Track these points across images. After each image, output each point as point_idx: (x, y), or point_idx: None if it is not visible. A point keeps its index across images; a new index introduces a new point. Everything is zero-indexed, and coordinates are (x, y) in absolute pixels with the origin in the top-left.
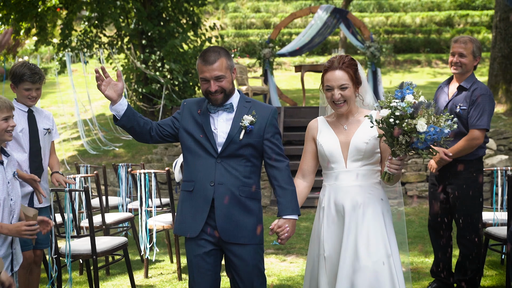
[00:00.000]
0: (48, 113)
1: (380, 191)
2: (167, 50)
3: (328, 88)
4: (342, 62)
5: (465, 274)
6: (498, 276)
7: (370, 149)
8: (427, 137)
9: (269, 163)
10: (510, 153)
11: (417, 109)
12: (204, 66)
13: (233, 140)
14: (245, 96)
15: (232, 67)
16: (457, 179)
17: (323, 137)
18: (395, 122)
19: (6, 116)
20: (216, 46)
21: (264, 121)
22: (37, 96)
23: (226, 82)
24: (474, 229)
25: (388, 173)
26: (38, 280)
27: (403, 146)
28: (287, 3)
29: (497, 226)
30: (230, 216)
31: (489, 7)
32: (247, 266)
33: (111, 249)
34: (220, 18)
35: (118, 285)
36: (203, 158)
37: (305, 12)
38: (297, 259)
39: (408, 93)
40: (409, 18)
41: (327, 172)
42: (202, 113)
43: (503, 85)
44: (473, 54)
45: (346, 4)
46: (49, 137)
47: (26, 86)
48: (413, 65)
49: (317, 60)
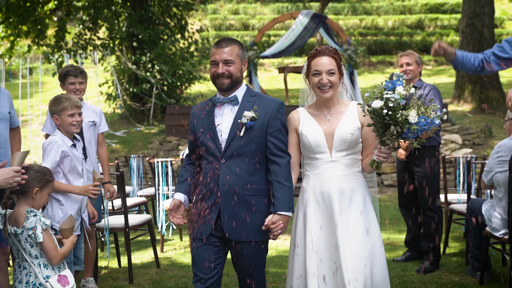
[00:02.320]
0: (96, 108)
1: (363, 180)
2: (158, 52)
3: (315, 73)
4: (329, 50)
5: (430, 242)
6: (460, 247)
7: (355, 139)
8: (418, 127)
9: (270, 158)
10: (474, 147)
11: (409, 100)
12: (216, 49)
13: (235, 136)
14: (251, 90)
15: (243, 57)
16: (420, 164)
17: (307, 127)
18: (388, 113)
19: (71, 113)
20: (231, 37)
21: (268, 115)
22: (81, 90)
23: (234, 68)
24: (434, 205)
25: (376, 161)
26: (95, 248)
27: (394, 136)
28: (265, 5)
29: (459, 204)
30: (235, 216)
31: (458, 10)
32: (250, 261)
33: (139, 224)
34: (201, 19)
35: (141, 257)
36: (209, 162)
37: (286, 17)
38: (289, 236)
39: (398, 84)
40: (382, 21)
41: (311, 162)
42: (207, 113)
43: (469, 85)
44: (416, 62)
45: (322, 7)
46: (94, 129)
47: (70, 80)
48: (386, 66)
49: (295, 61)
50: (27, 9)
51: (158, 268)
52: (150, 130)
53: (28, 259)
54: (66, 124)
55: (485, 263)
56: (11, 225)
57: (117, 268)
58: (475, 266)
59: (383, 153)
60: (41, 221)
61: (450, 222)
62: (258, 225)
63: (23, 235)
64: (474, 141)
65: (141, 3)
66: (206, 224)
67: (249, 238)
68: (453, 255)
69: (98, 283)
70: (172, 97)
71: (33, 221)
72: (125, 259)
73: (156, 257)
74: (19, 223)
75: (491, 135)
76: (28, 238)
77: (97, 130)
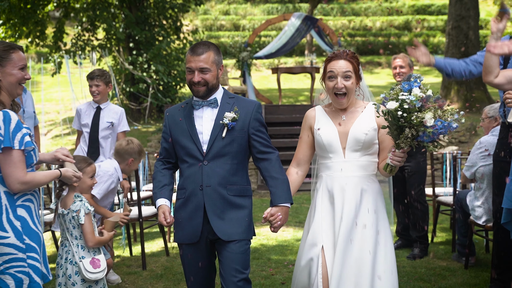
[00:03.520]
0: (118, 109)
1: (377, 184)
2: (154, 52)
3: (331, 76)
4: (346, 54)
5: (418, 231)
6: (447, 237)
7: (369, 140)
8: (434, 131)
9: (258, 156)
10: (460, 144)
11: (426, 102)
12: (191, 57)
13: (217, 138)
14: (228, 92)
15: (219, 63)
16: (410, 159)
17: (322, 126)
18: (402, 115)
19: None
20: (207, 41)
21: (248, 116)
22: (99, 92)
23: (210, 75)
24: (421, 197)
25: (390, 165)
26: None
27: (409, 139)
28: (255, 6)
29: (446, 196)
30: (223, 216)
31: (444, 12)
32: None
33: (151, 215)
34: (192, 20)
35: (150, 246)
36: (191, 165)
37: (279, 19)
38: (287, 228)
39: (416, 86)
40: (370, 22)
41: (324, 162)
42: (185, 116)
43: (455, 86)
44: (409, 65)
45: (312, 8)
46: (112, 129)
47: (89, 83)
48: (375, 66)
49: (285, 61)
50: (28, 11)
51: (168, 256)
52: (147, 129)
53: (69, 238)
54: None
55: (470, 248)
56: (61, 207)
57: (129, 256)
58: (461, 252)
59: (397, 156)
60: (85, 206)
61: (438, 213)
62: (246, 224)
63: (68, 216)
64: (460, 139)
65: (137, 5)
66: (194, 227)
67: (240, 236)
68: (440, 244)
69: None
70: (168, 97)
71: (79, 205)
72: (135, 248)
73: (166, 246)
74: (67, 206)
75: (476, 133)
76: (72, 219)
77: (117, 130)
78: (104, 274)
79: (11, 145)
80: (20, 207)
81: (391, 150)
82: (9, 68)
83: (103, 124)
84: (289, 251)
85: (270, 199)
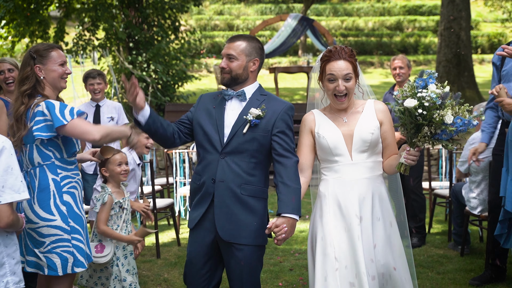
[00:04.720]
0: (117, 104)
1: (384, 183)
2: (153, 52)
3: (331, 78)
4: (345, 53)
5: (415, 222)
6: (443, 228)
7: (375, 139)
8: (454, 128)
9: (276, 158)
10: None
11: (445, 99)
12: (226, 44)
13: (237, 133)
14: (262, 89)
15: (251, 55)
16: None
17: (324, 129)
18: (422, 113)
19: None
20: (248, 35)
21: (275, 116)
22: (99, 90)
23: (236, 64)
24: (419, 189)
25: (404, 164)
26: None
27: (427, 137)
28: (249, 6)
29: (441, 189)
30: (230, 215)
31: (435, 12)
32: (242, 267)
33: (165, 207)
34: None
35: (161, 237)
36: (209, 153)
37: (275, 19)
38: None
39: (431, 82)
40: (362, 22)
41: (330, 165)
42: (218, 104)
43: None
44: (407, 66)
45: (306, 8)
46: (113, 123)
47: (90, 82)
48: (367, 66)
49: (279, 61)
50: (31, 11)
51: (179, 246)
52: None
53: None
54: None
55: (465, 237)
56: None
57: None
58: (457, 241)
59: (412, 155)
60: (103, 197)
61: (434, 206)
62: (254, 228)
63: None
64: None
65: (136, 5)
66: (196, 213)
67: (243, 241)
68: (437, 234)
69: None
70: (167, 96)
71: (101, 195)
72: (147, 238)
73: (177, 236)
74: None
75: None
76: (95, 207)
77: (117, 124)
78: (105, 261)
79: (63, 122)
80: (66, 193)
81: (405, 149)
82: (50, 65)
83: (104, 120)
84: (294, 241)
85: (278, 206)
